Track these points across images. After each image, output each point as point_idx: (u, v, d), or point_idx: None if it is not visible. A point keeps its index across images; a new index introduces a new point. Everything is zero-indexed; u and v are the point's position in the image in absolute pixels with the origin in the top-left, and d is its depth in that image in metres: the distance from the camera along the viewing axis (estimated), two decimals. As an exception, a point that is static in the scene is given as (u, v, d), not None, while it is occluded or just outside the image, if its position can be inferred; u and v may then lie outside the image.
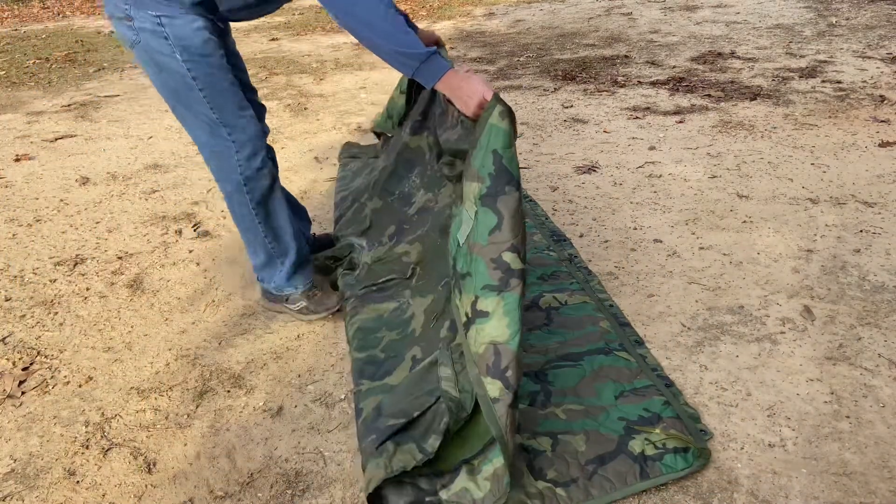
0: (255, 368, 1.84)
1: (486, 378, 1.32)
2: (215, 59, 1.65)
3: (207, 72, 1.63)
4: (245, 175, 1.77)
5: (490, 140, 1.36)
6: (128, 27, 1.59)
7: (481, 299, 1.37)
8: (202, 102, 1.67)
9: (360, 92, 4.60)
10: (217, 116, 1.69)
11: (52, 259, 2.48)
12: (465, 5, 8.05)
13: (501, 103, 1.37)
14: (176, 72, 1.61)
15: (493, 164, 1.35)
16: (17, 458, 1.56)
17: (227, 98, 1.70)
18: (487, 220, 1.36)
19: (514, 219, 1.35)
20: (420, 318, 1.77)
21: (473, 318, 1.38)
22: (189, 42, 1.59)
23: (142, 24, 1.56)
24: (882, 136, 3.27)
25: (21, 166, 3.41)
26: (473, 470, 1.36)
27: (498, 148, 1.35)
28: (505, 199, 1.35)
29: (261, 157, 1.78)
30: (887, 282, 2.08)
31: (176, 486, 1.47)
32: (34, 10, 9.15)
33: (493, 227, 1.36)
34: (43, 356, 1.93)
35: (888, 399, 1.61)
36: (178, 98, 1.67)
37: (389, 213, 2.20)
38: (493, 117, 1.36)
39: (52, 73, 5.46)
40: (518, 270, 1.35)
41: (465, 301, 1.40)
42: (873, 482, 1.39)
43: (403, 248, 2.04)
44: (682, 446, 1.45)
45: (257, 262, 1.98)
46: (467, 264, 1.41)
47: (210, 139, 1.74)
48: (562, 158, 3.21)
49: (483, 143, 1.37)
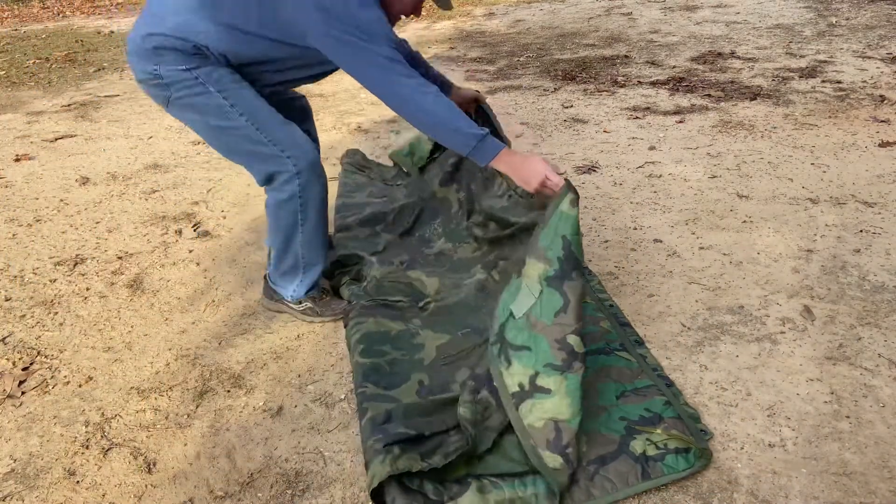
0: (255, 368, 1.84)
1: (546, 452, 1.37)
2: (248, 89, 1.68)
3: (243, 94, 1.66)
4: (302, 184, 1.76)
5: (560, 225, 1.45)
6: (158, 86, 1.63)
7: (543, 376, 1.42)
8: (248, 127, 1.67)
9: (360, 92, 4.60)
10: (266, 136, 1.69)
11: (52, 259, 2.48)
12: (465, 5, 8.06)
13: (572, 191, 1.47)
14: (214, 105, 1.63)
15: (562, 249, 1.44)
16: (17, 458, 1.56)
17: (269, 115, 1.70)
18: (553, 301, 1.44)
19: (580, 304, 1.44)
20: (431, 352, 1.79)
21: (531, 392, 1.43)
22: (220, 75, 1.63)
23: (170, 77, 1.60)
24: (882, 136, 3.27)
25: (21, 166, 3.41)
26: (483, 488, 1.35)
27: (567, 234, 1.45)
28: (572, 284, 1.44)
29: (319, 166, 1.78)
30: (887, 282, 2.08)
31: (176, 486, 1.47)
32: (34, 10, 9.16)
33: (558, 308, 1.43)
34: (43, 356, 1.93)
35: (888, 399, 1.61)
36: (227, 134, 1.69)
37: (406, 247, 2.28)
38: (564, 204, 1.45)
39: (52, 73, 5.46)
40: (581, 354, 1.43)
41: (520, 372, 1.45)
42: (873, 482, 1.39)
43: (417, 275, 2.07)
44: (684, 447, 1.45)
45: (281, 269, 1.96)
46: (526, 338, 1.46)
47: (268, 165, 1.74)
48: (562, 158, 3.21)
49: (552, 226, 1.47)
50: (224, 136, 1.71)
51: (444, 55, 5.57)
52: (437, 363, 1.74)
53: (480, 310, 1.87)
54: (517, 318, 1.50)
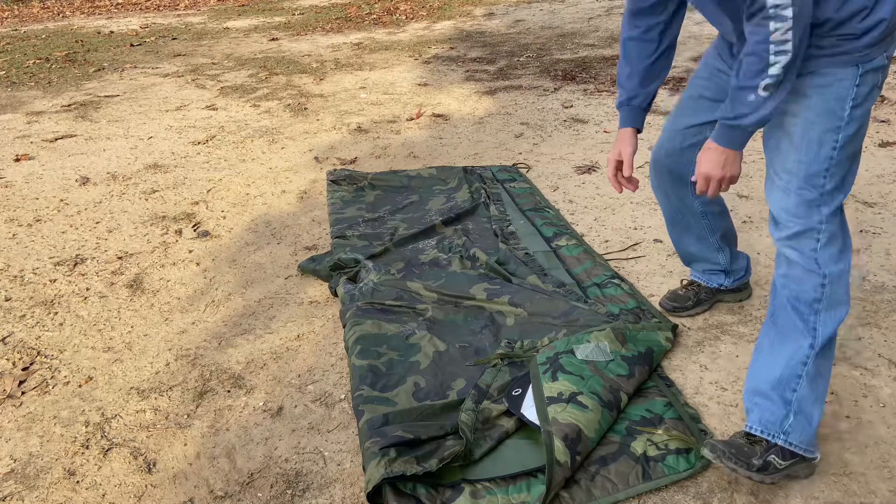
0: (254, 368, 1.84)
1: (560, 443, 1.39)
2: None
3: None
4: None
5: (650, 340, 1.74)
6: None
7: (585, 396, 1.52)
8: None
9: (360, 92, 4.60)
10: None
11: (52, 259, 2.48)
12: (465, 5, 8.06)
13: (673, 330, 1.80)
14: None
15: (643, 349, 1.70)
16: (17, 458, 1.56)
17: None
18: (620, 369, 1.62)
19: (640, 382, 1.64)
20: (429, 355, 1.79)
21: (569, 400, 1.50)
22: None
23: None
24: (882, 136, 3.27)
25: (21, 166, 3.41)
26: (476, 493, 1.36)
27: (654, 350, 1.72)
28: (640, 369, 1.65)
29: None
30: (887, 282, 2.08)
31: (176, 486, 1.47)
32: (34, 10, 9.16)
33: (623, 375, 1.61)
34: (43, 356, 1.93)
35: (888, 399, 1.61)
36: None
37: (401, 254, 2.33)
38: (663, 337, 1.76)
39: (52, 73, 5.46)
40: (622, 409, 1.57)
41: (564, 387, 1.54)
42: (873, 482, 1.39)
43: (416, 285, 2.07)
44: (685, 447, 1.45)
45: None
46: (580, 370, 1.59)
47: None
48: (562, 158, 3.21)
49: (643, 334, 1.74)
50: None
51: (444, 55, 5.57)
52: (437, 367, 1.75)
53: (477, 334, 1.88)
54: (578, 359, 1.62)
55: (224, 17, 8.30)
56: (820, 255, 1.31)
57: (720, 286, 1.95)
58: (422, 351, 1.80)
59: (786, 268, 1.35)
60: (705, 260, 1.90)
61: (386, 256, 2.30)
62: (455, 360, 1.78)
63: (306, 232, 2.61)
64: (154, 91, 4.83)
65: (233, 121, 4.07)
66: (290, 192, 2.99)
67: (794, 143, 1.32)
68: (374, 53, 5.79)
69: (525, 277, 2.11)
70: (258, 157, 3.44)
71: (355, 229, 2.52)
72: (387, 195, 2.87)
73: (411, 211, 2.70)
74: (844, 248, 1.34)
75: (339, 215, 2.67)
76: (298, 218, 2.74)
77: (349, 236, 2.46)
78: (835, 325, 1.34)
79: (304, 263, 2.29)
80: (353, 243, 2.40)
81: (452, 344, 1.84)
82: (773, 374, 1.36)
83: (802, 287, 1.32)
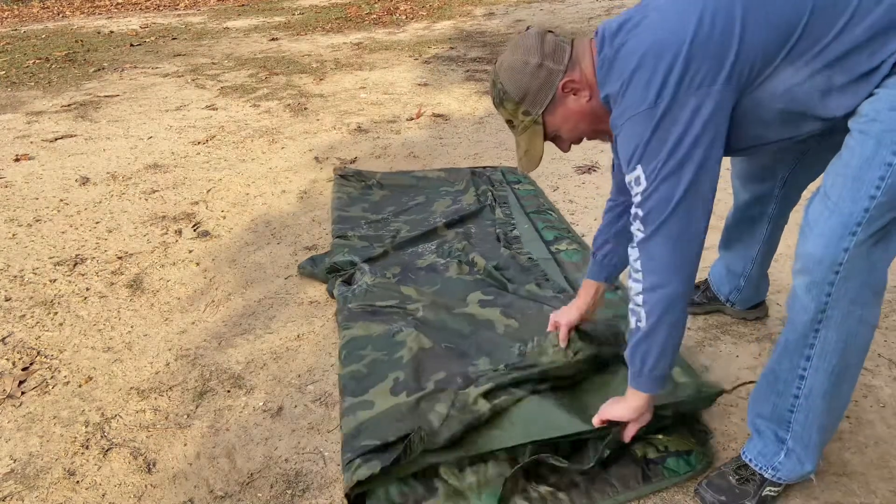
0: (254, 368, 1.84)
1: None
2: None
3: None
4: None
5: (693, 393, 1.56)
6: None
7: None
8: None
9: (360, 92, 4.60)
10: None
11: (52, 259, 2.48)
12: (465, 5, 8.06)
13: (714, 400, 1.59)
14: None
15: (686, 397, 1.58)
16: (17, 458, 1.56)
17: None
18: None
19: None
20: (412, 350, 1.74)
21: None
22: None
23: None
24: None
25: (21, 166, 3.41)
26: (448, 496, 1.37)
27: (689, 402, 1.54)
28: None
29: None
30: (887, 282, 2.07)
31: (176, 486, 1.47)
32: (34, 10, 9.16)
33: None
34: (43, 356, 1.93)
35: (888, 399, 1.61)
36: None
37: (398, 259, 2.31)
38: (707, 401, 1.57)
39: (52, 73, 5.46)
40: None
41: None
42: (873, 482, 1.39)
43: (409, 290, 2.06)
44: (685, 449, 1.45)
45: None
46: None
47: None
48: (562, 158, 3.21)
49: (690, 382, 1.61)
50: None
51: (444, 55, 5.57)
52: (418, 363, 1.70)
53: (466, 338, 1.84)
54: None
55: (224, 16, 8.30)
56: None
57: (727, 299, 1.92)
58: (406, 346, 1.76)
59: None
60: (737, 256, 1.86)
61: (383, 260, 2.29)
62: (439, 357, 1.72)
63: (306, 232, 2.61)
64: (154, 91, 4.83)
65: (233, 121, 4.07)
66: (290, 192, 2.99)
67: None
68: (374, 53, 5.79)
69: (523, 284, 2.09)
70: (258, 157, 3.44)
71: (357, 230, 2.51)
72: (393, 195, 2.86)
73: (415, 213, 2.69)
74: None
75: (343, 213, 2.66)
76: (298, 218, 2.74)
77: (350, 237, 2.45)
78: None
79: (303, 265, 2.29)
80: (353, 244, 2.39)
81: (439, 343, 1.79)
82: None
83: None
